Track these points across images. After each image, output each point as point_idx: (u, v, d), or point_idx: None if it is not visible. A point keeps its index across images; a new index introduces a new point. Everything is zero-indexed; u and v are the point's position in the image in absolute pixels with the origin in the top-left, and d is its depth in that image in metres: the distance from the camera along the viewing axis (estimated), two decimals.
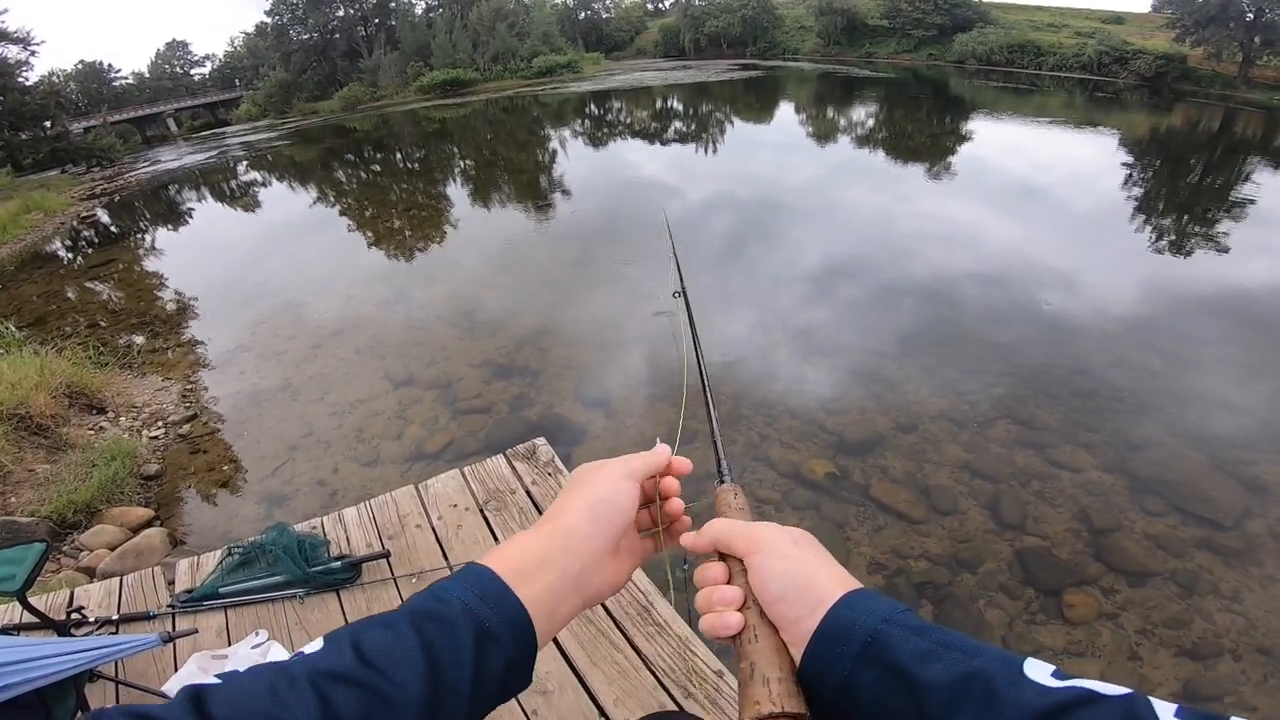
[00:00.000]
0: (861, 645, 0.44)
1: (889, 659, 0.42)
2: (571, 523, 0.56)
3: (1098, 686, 0.38)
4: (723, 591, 0.52)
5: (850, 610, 0.46)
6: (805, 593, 0.48)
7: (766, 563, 0.51)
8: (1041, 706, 0.37)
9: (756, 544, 0.53)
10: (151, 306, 9.30)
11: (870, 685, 0.43)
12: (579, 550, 0.55)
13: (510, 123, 28.79)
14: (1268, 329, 6.33)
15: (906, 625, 0.44)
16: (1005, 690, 0.38)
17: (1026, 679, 0.39)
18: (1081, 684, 0.38)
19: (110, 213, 19.28)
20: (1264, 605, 3.33)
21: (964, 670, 0.40)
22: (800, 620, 0.47)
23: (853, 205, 11.30)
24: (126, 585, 2.91)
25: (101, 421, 5.54)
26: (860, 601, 0.47)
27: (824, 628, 0.46)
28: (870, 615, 0.45)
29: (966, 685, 0.39)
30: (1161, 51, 32.05)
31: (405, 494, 3.30)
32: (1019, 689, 0.38)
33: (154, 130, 52.19)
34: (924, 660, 0.41)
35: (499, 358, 6.24)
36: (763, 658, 0.47)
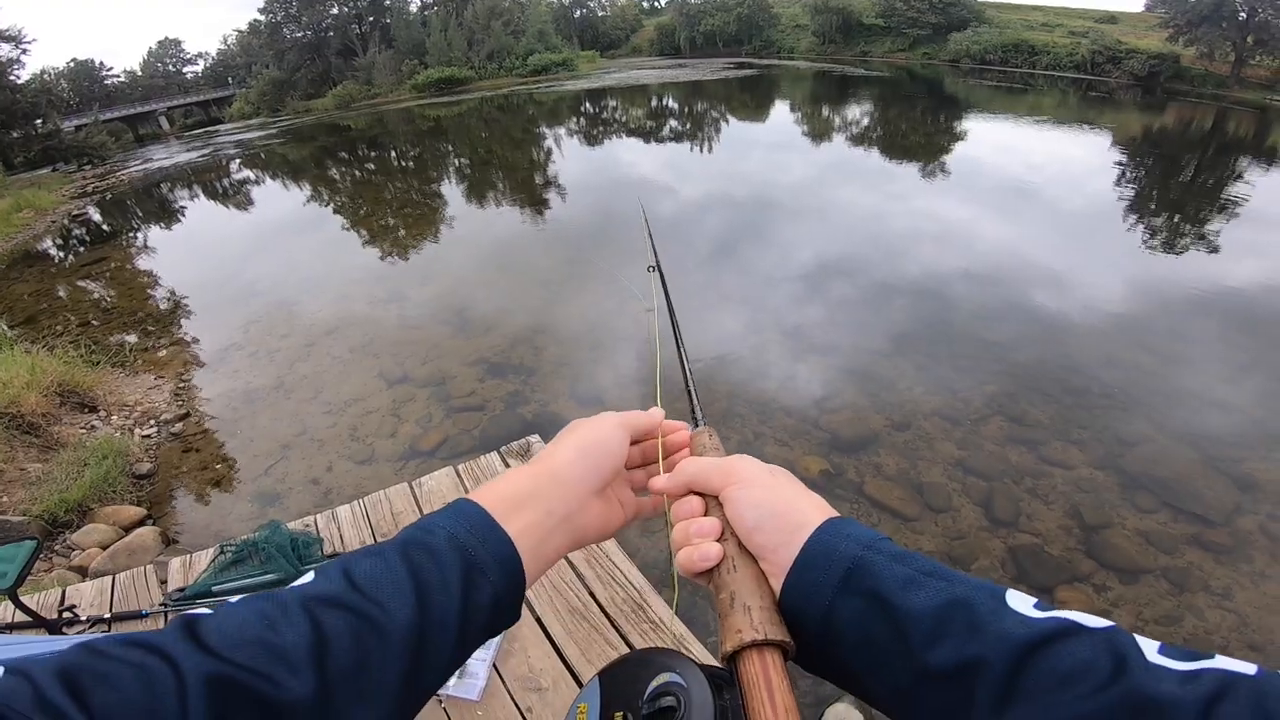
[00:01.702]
0: (843, 572, 0.43)
1: (871, 586, 0.41)
2: (560, 463, 0.55)
3: (1080, 618, 0.37)
4: (700, 523, 0.51)
5: (831, 536, 0.45)
6: (784, 519, 0.47)
7: (742, 492, 0.50)
8: (1025, 636, 0.36)
9: (731, 475, 0.51)
10: (144, 305, 9.25)
11: (852, 614, 0.42)
12: (566, 489, 0.54)
13: (505, 121, 28.73)
14: (1256, 327, 6.37)
15: (888, 552, 0.43)
16: (989, 619, 0.38)
17: (1009, 609, 0.38)
18: (1064, 615, 0.38)
19: (102, 211, 19.15)
20: (1254, 602, 3.36)
21: (947, 598, 0.39)
22: (779, 548, 0.46)
23: (846, 204, 11.33)
24: (119, 584, 2.89)
25: (93, 420, 5.50)
26: (840, 528, 0.46)
27: (804, 555, 0.45)
28: (851, 541, 0.44)
29: (949, 613, 0.39)
30: (1154, 51, 32.24)
31: (399, 492, 3.29)
32: (1002, 618, 0.38)
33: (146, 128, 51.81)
34: (906, 587, 0.41)
35: (493, 356, 6.23)
36: (743, 587, 0.45)
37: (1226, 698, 0.31)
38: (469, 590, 0.45)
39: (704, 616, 3.15)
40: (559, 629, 2.39)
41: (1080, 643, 0.36)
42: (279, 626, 0.38)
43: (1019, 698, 0.35)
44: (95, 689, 0.32)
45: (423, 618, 0.42)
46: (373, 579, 0.42)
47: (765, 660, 0.41)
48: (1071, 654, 0.35)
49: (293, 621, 0.38)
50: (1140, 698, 0.32)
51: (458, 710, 2.10)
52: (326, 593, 0.41)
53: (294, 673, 0.36)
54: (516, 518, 0.50)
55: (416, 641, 0.42)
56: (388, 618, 0.41)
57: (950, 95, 28.76)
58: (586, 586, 2.57)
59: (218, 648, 0.36)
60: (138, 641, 0.35)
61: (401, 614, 0.41)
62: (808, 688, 2.84)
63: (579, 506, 0.55)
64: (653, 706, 0.42)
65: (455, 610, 0.44)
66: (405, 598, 0.42)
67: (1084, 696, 0.33)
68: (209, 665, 0.35)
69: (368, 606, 0.41)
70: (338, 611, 0.40)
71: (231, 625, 0.38)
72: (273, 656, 0.37)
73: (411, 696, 0.43)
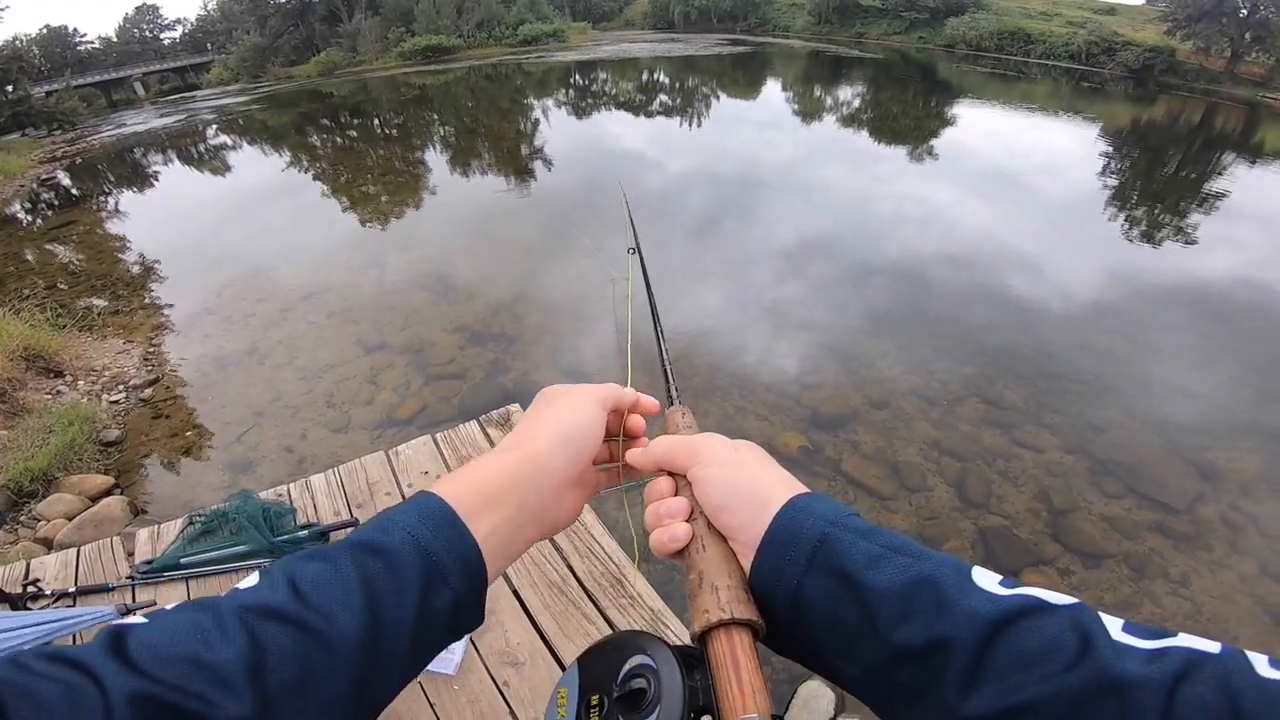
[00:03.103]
0: (810, 551, 0.42)
1: (837, 565, 0.41)
2: (539, 451, 0.52)
3: (1046, 595, 0.37)
4: (669, 504, 0.50)
5: (797, 514, 0.44)
6: (749, 498, 0.46)
7: (707, 472, 0.49)
8: (992, 614, 0.36)
9: (696, 455, 0.51)
10: (113, 269, 9.02)
11: (821, 592, 0.41)
12: (543, 482, 0.51)
13: (493, 91, 28.18)
14: (1228, 319, 6.48)
15: (854, 528, 0.43)
16: (955, 597, 0.37)
17: (976, 586, 0.38)
18: (1030, 592, 0.37)
19: (72, 175, 18.59)
20: (1210, 590, 3.44)
21: (913, 575, 0.39)
22: (746, 527, 0.45)
23: (831, 185, 11.29)
24: (84, 556, 2.84)
25: (59, 385, 5.37)
26: (806, 504, 0.45)
27: (771, 534, 0.44)
28: (817, 518, 0.43)
29: (916, 591, 0.38)
30: (1150, 44, 32.24)
31: (375, 461, 3.25)
32: (968, 595, 0.37)
33: (120, 94, 50.25)
34: (873, 564, 0.40)
35: (474, 323, 6.17)
36: (711, 566, 0.45)
37: (1191, 676, 0.31)
38: (427, 596, 0.43)
39: (681, 590, 3.17)
40: (537, 603, 2.38)
41: (1046, 621, 0.36)
42: (213, 641, 0.35)
43: (987, 677, 0.35)
44: (18, 706, 0.30)
45: (374, 628, 0.40)
46: (319, 586, 0.40)
47: (733, 640, 0.41)
48: (1037, 632, 0.35)
49: (228, 635, 0.36)
50: (1107, 677, 0.32)
51: (434, 686, 2.09)
52: (267, 603, 0.38)
53: (229, 692, 0.34)
54: (487, 515, 0.47)
55: (367, 653, 0.39)
56: (335, 629, 0.38)
57: (943, 80, 28.65)
58: (565, 560, 2.57)
59: (145, 665, 0.33)
60: (63, 657, 0.33)
61: (350, 625, 0.39)
62: (781, 664, 2.88)
63: (554, 499, 0.53)
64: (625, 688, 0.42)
65: (410, 618, 0.42)
66: (355, 607, 0.40)
67: (1052, 676, 0.33)
68: (135, 684, 0.32)
69: (312, 617, 0.38)
70: (278, 624, 0.37)
71: (162, 639, 0.35)
72: (206, 674, 0.34)
73: (364, 708, 0.40)
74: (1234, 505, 3.99)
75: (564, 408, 0.56)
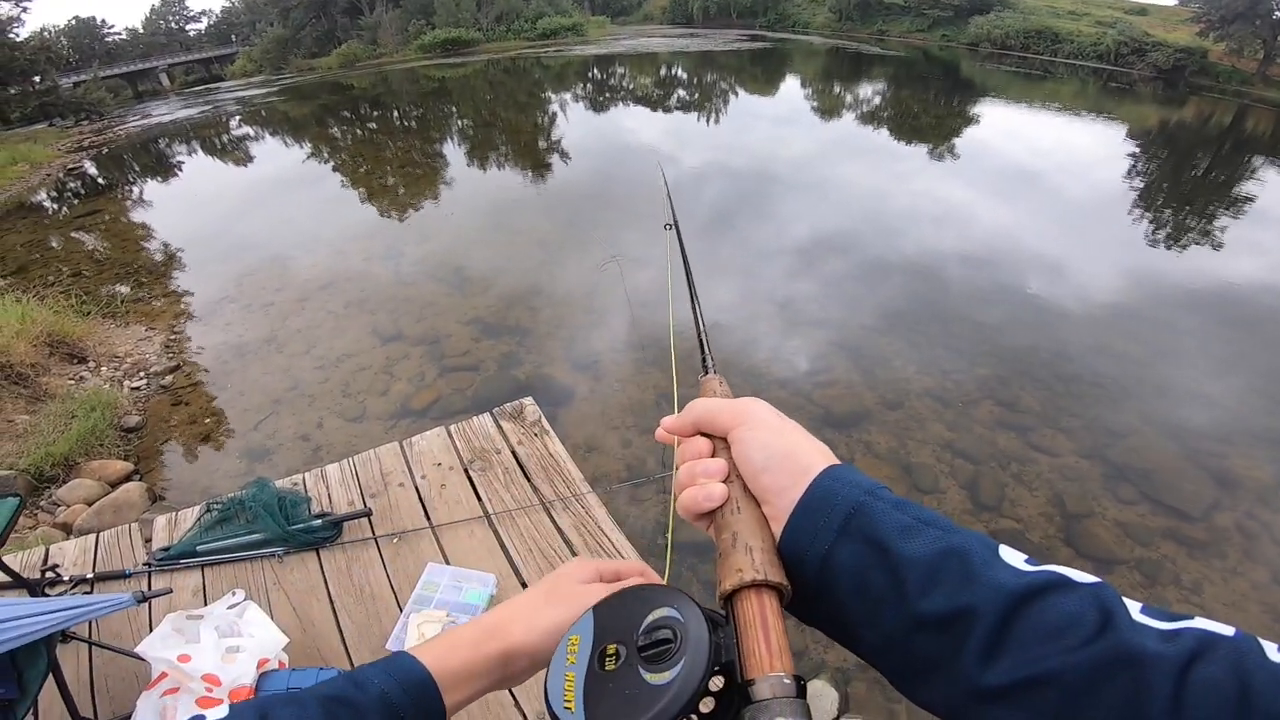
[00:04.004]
0: (844, 517, 0.43)
1: (870, 532, 0.42)
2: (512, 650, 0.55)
3: (1070, 573, 0.38)
4: (706, 464, 0.50)
5: (834, 482, 0.45)
6: (790, 462, 0.47)
7: (751, 434, 0.49)
8: (1016, 586, 0.37)
9: (741, 416, 0.51)
10: (137, 257, 9.17)
11: (851, 558, 0.42)
12: (510, 673, 0.56)
13: (511, 84, 28.21)
14: (1250, 325, 6.34)
15: (888, 499, 0.43)
16: (982, 569, 0.38)
17: (1002, 561, 0.39)
18: (1054, 569, 0.38)
19: (98, 165, 18.86)
20: (1222, 598, 3.40)
21: (943, 546, 0.40)
22: (784, 491, 0.46)
23: (849, 182, 11.18)
24: (103, 542, 2.88)
25: (82, 371, 5.47)
26: (843, 474, 0.46)
27: (807, 498, 0.45)
28: (853, 487, 0.44)
29: (945, 561, 0.39)
30: (1182, 45, 31.52)
31: (389, 451, 3.28)
32: (995, 569, 0.38)
33: (146, 85, 50.79)
34: (905, 534, 0.41)
35: (489, 316, 6.20)
36: (745, 528, 0.46)
37: (1205, 656, 0.32)
38: None
39: (690, 587, 3.17)
40: None
41: (1069, 596, 0.36)
42: None
43: (1009, 647, 0.36)
44: None
45: None
46: None
47: (763, 601, 0.41)
48: (1060, 606, 0.36)
49: None
50: (1124, 652, 0.33)
51: None
52: None
53: None
54: (457, 691, 0.51)
55: None
56: None
57: (966, 79, 28.23)
58: (576, 555, 2.58)
59: None
60: None
61: None
62: None
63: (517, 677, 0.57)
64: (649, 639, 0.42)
65: None
66: None
67: (1071, 649, 0.34)
68: None
69: None
70: None
71: None
72: None
73: None
74: (1250, 513, 3.92)
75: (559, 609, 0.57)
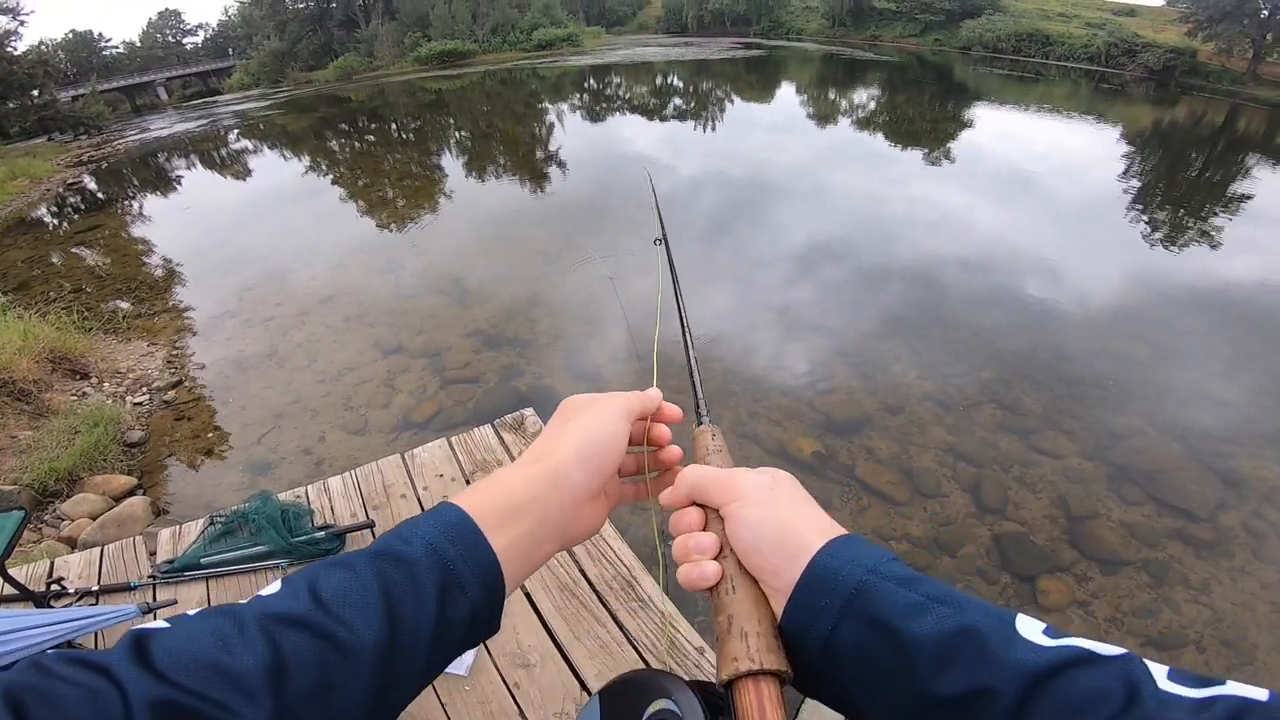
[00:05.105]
0: (846, 598, 0.41)
1: (875, 613, 0.40)
2: (560, 464, 0.52)
3: (1092, 645, 0.36)
4: (699, 539, 0.49)
5: (834, 559, 0.43)
6: (784, 543, 0.45)
7: (742, 511, 0.48)
8: (1037, 665, 0.35)
9: (731, 491, 0.49)
10: (138, 272, 9.19)
11: (855, 640, 0.40)
12: (564, 496, 0.51)
13: (507, 95, 28.36)
14: (1251, 324, 6.36)
15: (893, 576, 0.41)
16: (999, 647, 0.36)
17: (1019, 636, 0.37)
18: (1076, 643, 0.36)
19: (97, 179, 18.95)
20: (1230, 598, 3.38)
21: (955, 625, 0.38)
22: (780, 572, 0.44)
23: (845, 188, 11.23)
24: (107, 555, 2.90)
25: (85, 387, 5.48)
26: (844, 550, 0.43)
27: (806, 579, 0.43)
28: (855, 565, 0.42)
29: (958, 640, 0.37)
30: (1171, 45, 31.73)
31: (391, 463, 3.29)
32: (1013, 646, 0.36)
33: (144, 99, 51.08)
34: (913, 614, 0.39)
35: (489, 327, 6.22)
36: (740, 610, 0.44)
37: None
38: (445, 606, 0.43)
39: (692, 596, 3.17)
40: (548, 605, 2.40)
41: (1092, 671, 0.34)
42: (234, 648, 0.36)
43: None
44: (39, 710, 0.30)
45: (393, 635, 0.40)
46: (339, 595, 0.40)
47: (761, 691, 0.40)
48: (1083, 682, 0.34)
49: (250, 643, 0.36)
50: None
51: (446, 686, 2.12)
52: (288, 611, 0.39)
53: (249, 699, 0.35)
54: (506, 528, 0.47)
55: (385, 660, 0.40)
56: (354, 637, 0.39)
57: (959, 83, 28.40)
58: (577, 563, 2.58)
59: (167, 670, 0.34)
60: (85, 661, 0.34)
61: (369, 633, 0.39)
62: None
63: (575, 513, 0.52)
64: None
65: (429, 626, 0.42)
66: (374, 615, 0.40)
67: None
68: (157, 690, 0.33)
69: (332, 625, 0.39)
70: (299, 631, 0.38)
71: (183, 645, 0.36)
72: (226, 681, 0.35)
73: (381, 714, 0.41)
74: (1257, 513, 3.92)
75: (585, 421, 0.55)
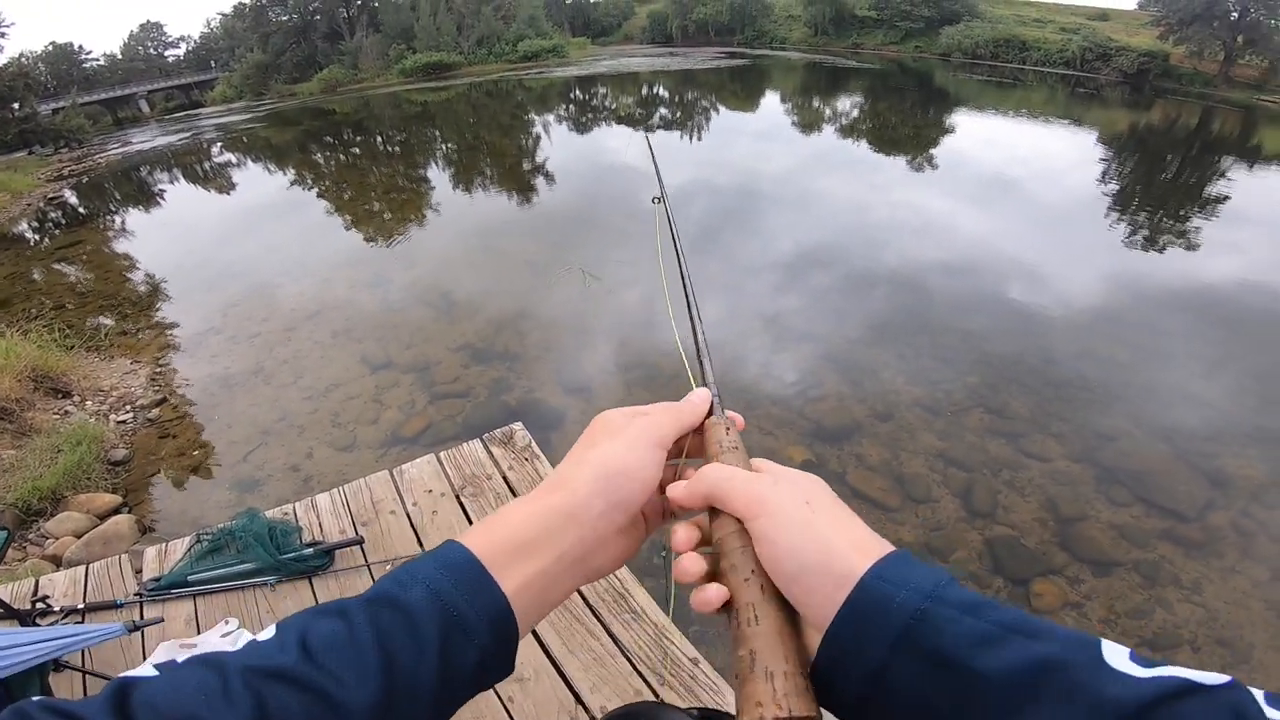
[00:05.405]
0: (900, 630, 0.36)
1: (936, 646, 0.35)
2: (579, 498, 0.47)
3: (1192, 674, 0.32)
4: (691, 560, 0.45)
5: (884, 584, 0.38)
6: (828, 568, 0.39)
7: (774, 531, 0.42)
8: (1133, 700, 0.30)
9: (761, 504, 0.43)
10: (120, 288, 9.09)
11: (910, 679, 0.35)
12: (585, 531, 0.46)
13: (494, 107, 28.42)
14: (1233, 324, 6.46)
15: (956, 601, 0.36)
16: (1089, 682, 0.32)
17: (1109, 667, 0.32)
18: (1174, 672, 0.32)
19: (79, 194, 18.80)
20: (1223, 597, 3.42)
21: (1032, 658, 0.33)
22: (820, 603, 0.39)
23: (831, 195, 11.32)
24: (93, 573, 2.87)
25: (67, 406, 5.41)
26: (896, 572, 0.38)
27: (850, 609, 0.38)
28: (910, 589, 0.37)
29: (1038, 677, 0.32)
30: (1144, 49, 32.36)
31: (380, 479, 3.27)
32: (1102, 680, 0.32)
33: (125, 111, 50.83)
34: (983, 646, 0.34)
35: (478, 341, 6.20)
36: (764, 645, 0.39)
37: None
38: (449, 655, 0.40)
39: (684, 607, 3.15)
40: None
41: (1197, 705, 0.30)
42: (216, 704, 0.34)
43: None
44: None
45: (389, 690, 0.37)
46: (331, 646, 0.38)
47: None
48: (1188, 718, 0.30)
49: (232, 699, 0.34)
50: None
51: None
52: (275, 665, 0.36)
53: None
54: (518, 568, 0.44)
55: (382, 716, 0.37)
56: (346, 693, 0.36)
57: (940, 89, 28.79)
58: None
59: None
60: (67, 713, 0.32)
61: (363, 689, 0.37)
62: None
63: (597, 547, 0.47)
64: None
65: (430, 678, 0.39)
66: (368, 668, 0.37)
67: None
68: None
69: (322, 680, 0.36)
70: (285, 687, 0.35)
71: (165, 700, 0.34)
72: None
73: None
74: (1245, 511, 3.97)
75: (611, 450, 0.49)
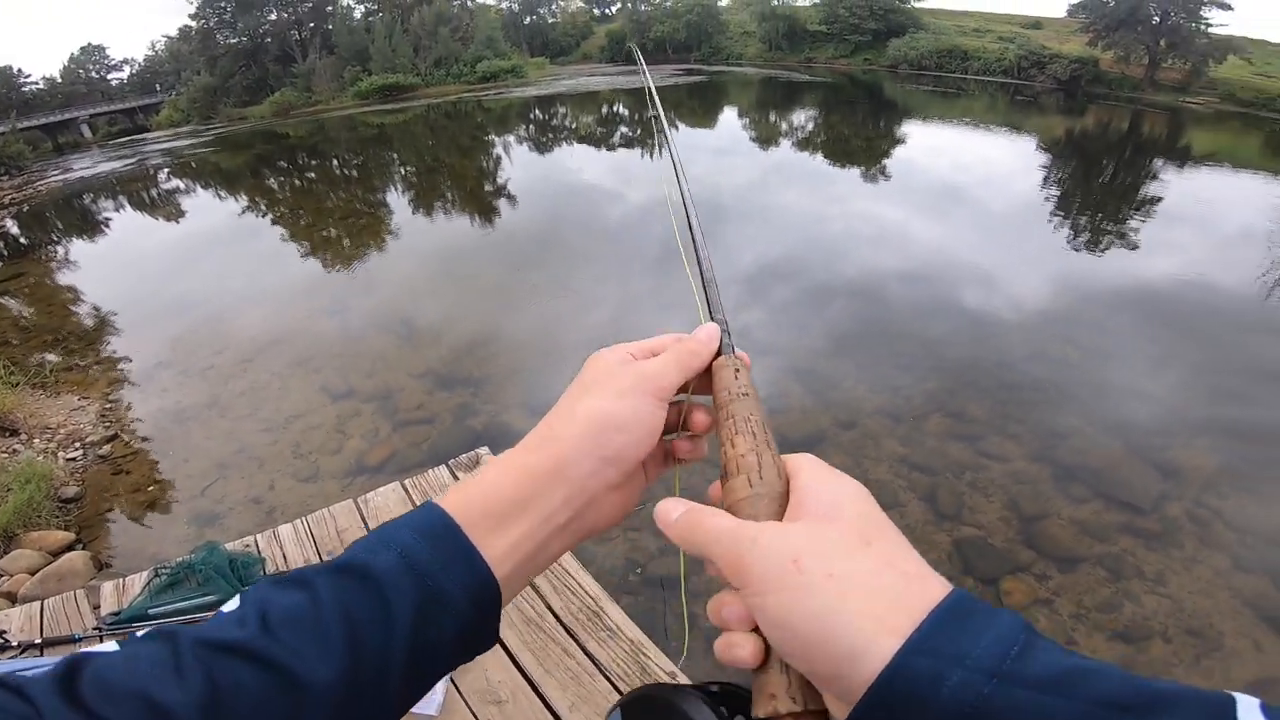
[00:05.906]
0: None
1: None
2: (567, 456, 0.42)
3: None
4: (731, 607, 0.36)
5: (929, 660, 0.28)
6: (827, 647, 0.31)
7: (762, 603, 0.34)
8: None
9: (743, 575, 0.35)
10: (65, 322, 8.75)
11: None
12: (572, 491, 0.42)
13: (453, 128, 28.33)
14: (1172, 320, 6.77)
15: (1035, 680, 0.27)
16: None
17: None
18: None
19: (19, 224, 18.08)
20: (1187, 587, 3.50)
21: None
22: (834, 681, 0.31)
23: (788, 208, 11.57)
24: (48, 609, 2.81)
25: (14, 444, 5.23)
26: (948, 639, 0.28)
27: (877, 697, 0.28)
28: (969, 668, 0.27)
29: None
30: (1075, 55, 33.92)
31: (344, 509, 3.22)
32: None
33: (66, 137, 49.02)
34: None
35: (441, 367, 6.13)
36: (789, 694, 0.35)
37: None
38: (422, 627, 0.36)
39: (659, 621, 3.16)
40: (514, 639, 2.37)
41: None
42: (166, 679, 0.31)
43: None
44: None
45: (354, 667, 0.34)
46: (292, 619, 0.35)
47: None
48: None
49: (184, 674, 0.32)
50: None
51: None
52: (230, 638, 0.34)
53: None
54: (501, 533, 0.40)
55: (346, 694, 0.34)
56: (307, 669, 0.33)
57: (889, 100, 29.75)
58: (542, 597, 2.55)
59: (92, 702, 0.30)
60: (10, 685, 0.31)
61: (324, 665, 0.34)
62: None
63: (588, 505, 0.43)
64: None
65: (401, 653, 0.36)
66: (331, 643, 0.34)
67: None
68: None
69: (281, 654, 0.33)
70: (241, 662, 0.33)
71: (115, 675, 0.32)
72: (153, 717, 0.30)
73: None
74: (1198, 501, 4.10)
75: (603, 402, 0.44)
